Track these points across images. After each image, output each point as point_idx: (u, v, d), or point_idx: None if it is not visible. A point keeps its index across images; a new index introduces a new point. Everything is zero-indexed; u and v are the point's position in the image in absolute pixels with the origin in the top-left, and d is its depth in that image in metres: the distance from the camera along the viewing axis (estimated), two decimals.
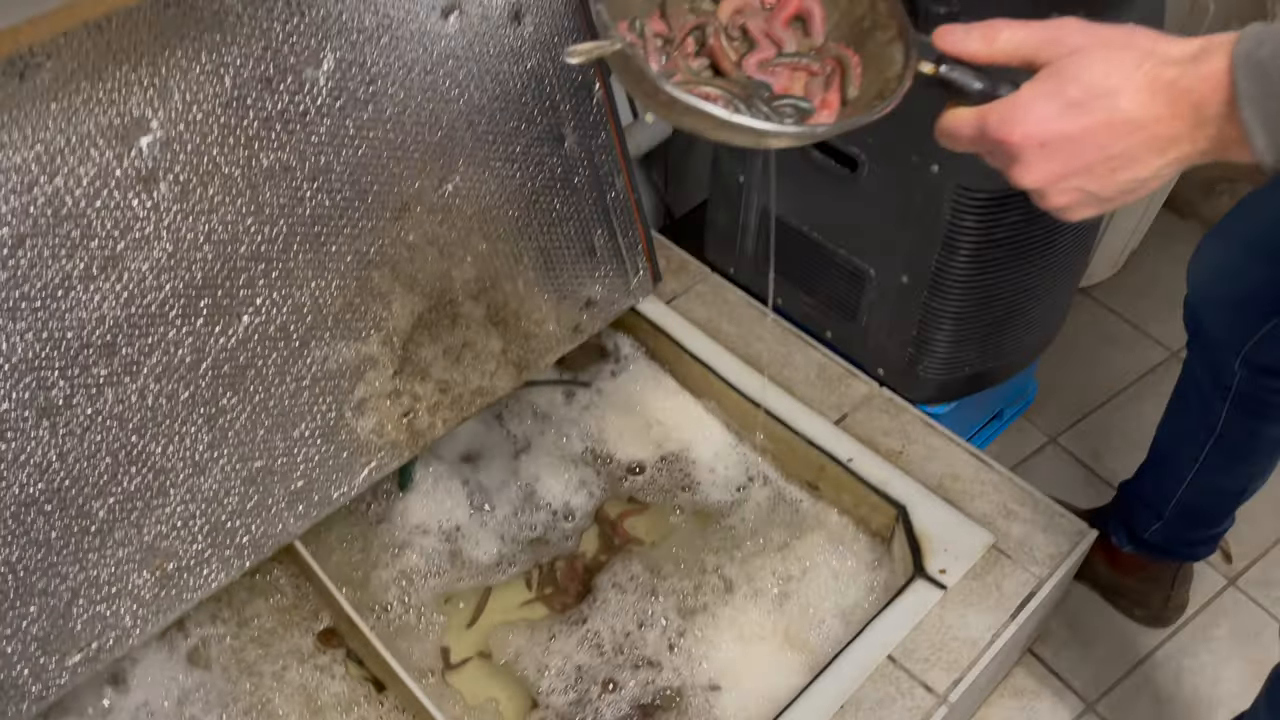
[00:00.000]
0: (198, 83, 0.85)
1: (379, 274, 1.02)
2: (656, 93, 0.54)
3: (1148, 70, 0.51)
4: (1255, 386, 1.02)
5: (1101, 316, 1.63)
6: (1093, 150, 0.53)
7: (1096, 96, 0.52)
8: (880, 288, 1.13)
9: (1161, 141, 0.51)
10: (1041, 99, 0.53)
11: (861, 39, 0.62)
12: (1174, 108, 0.50)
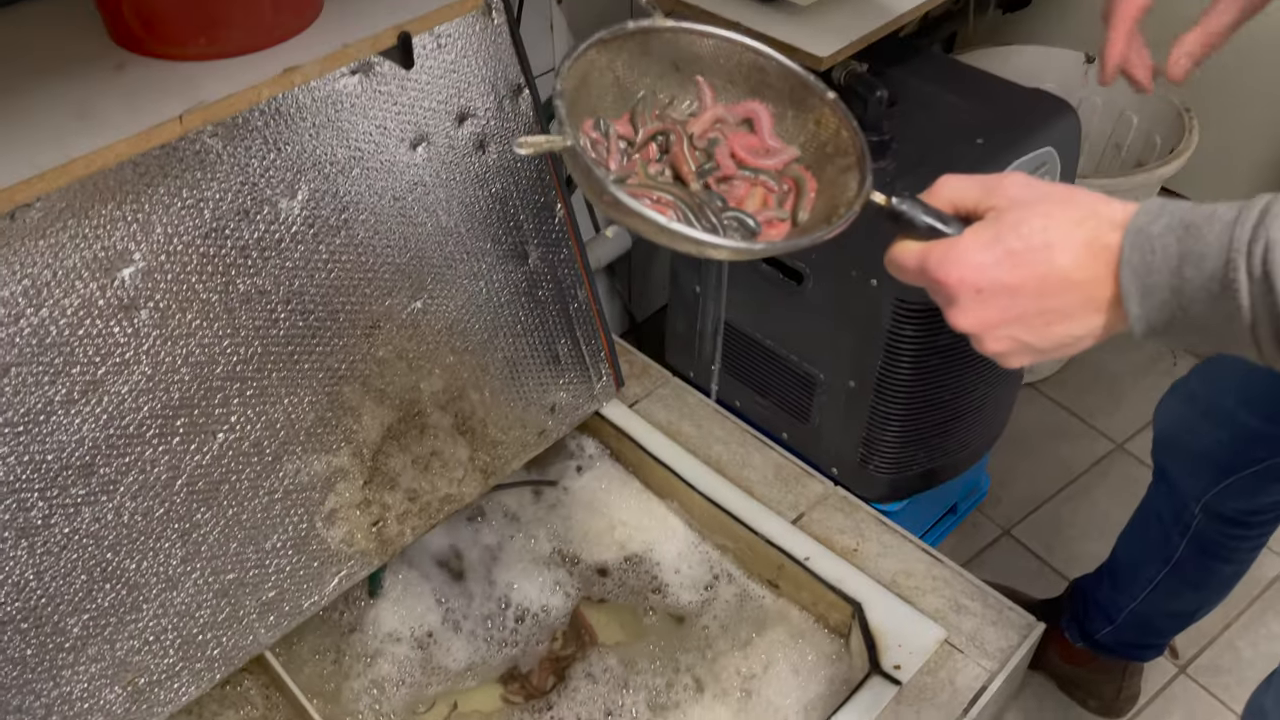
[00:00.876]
0: (179, 216, 0.90)
1: (349, 389, 1.06)
2: (602, 193, 0.57)
3: (1088, 229, 0.52)
4: (1213, 530, 1.06)
5: (1050, 410, 1.69)
6: (1027, 301, 0.53)
7: (1034, 249, 0.52)
8: (830, 391, 1.19)
9: (1097, 302, 0.52)
10: (981, 246, 0.54)
11: (822, 163, 0.64)
12: (1106, 272, 0.51)
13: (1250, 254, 0.46)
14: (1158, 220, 0.50)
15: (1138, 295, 0.50)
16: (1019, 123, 1.10)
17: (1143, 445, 1.64)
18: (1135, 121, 1.67)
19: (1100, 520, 1.51)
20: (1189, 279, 0.49)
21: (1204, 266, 0.48)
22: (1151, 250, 0.50)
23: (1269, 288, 0.46)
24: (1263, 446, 0.94)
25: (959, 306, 0.56)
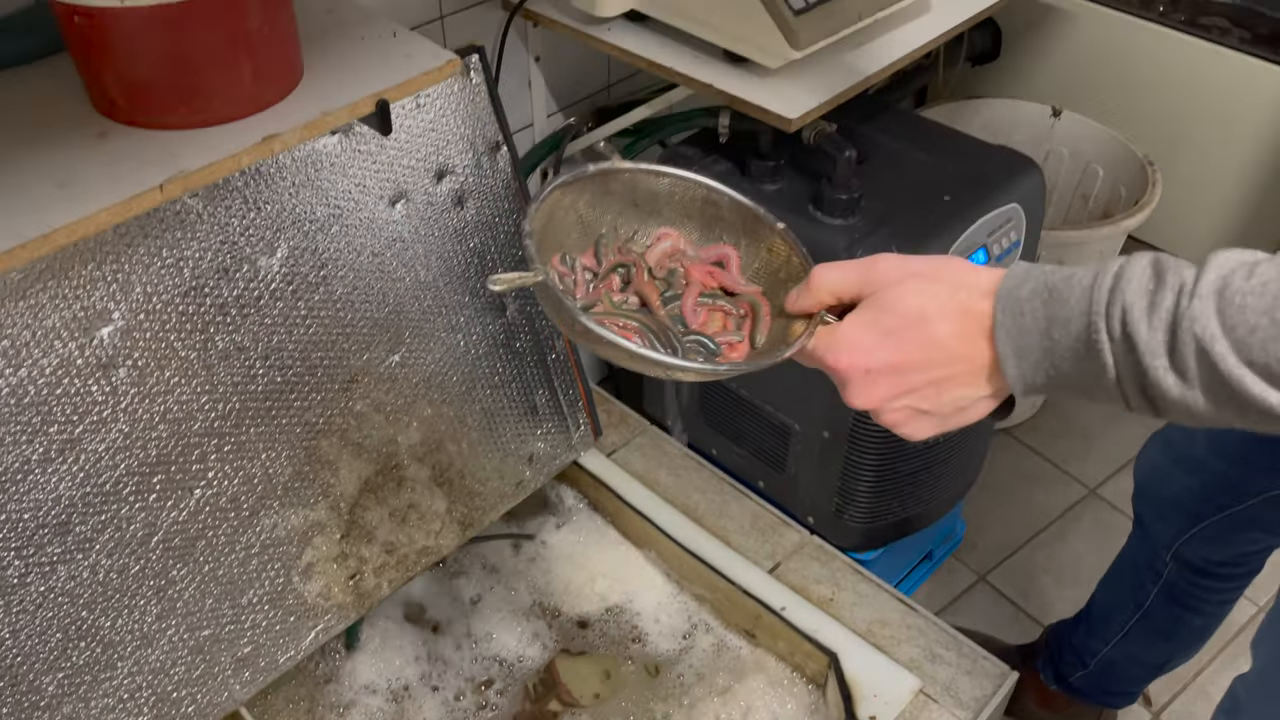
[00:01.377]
0: (158, 275, 0.91)
1: (327, 442, 1.07)
2: (573, 323, 0.59)
3: (960, 299, 0.54)
4: (1182, 580, 1.08)
5: (1024, 456, 1.71)
6: (914, 374, 0.55)
7: (911, 325, 0.55)
8: (805, 441, 1.20)
9: (980, 366, 0.54)
10: (860, 328, 0.56)
11: (776, 288, 0.67)
12: (982, 339, 0.54)
13: (1109, 316, 0.49)
14: (1024, 285, 0.53)
15: (1014, 357, 0.53)
16: (985, 180, 1.12)
17: (1114, 490, 1.66)
18: (1101, 173, 1.71)
19: (1074, 566, 1.52)
20: (1058, 340, 0.51)
21: (1070, 329, 0.51)
22: (1021, 314, 0.53)
23: (1130, 347, 0.49)
24: (1229, 493, 0.96)
25: (852, 388, 0.58)
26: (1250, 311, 0.46)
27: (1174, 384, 0.48)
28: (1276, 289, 0.45)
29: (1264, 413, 0.47)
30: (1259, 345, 0.45)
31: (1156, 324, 0.48)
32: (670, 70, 1.08)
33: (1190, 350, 0.47)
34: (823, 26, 1.01)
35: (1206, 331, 0.46)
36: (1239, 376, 0.46)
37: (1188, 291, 0.47)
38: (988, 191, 1.11)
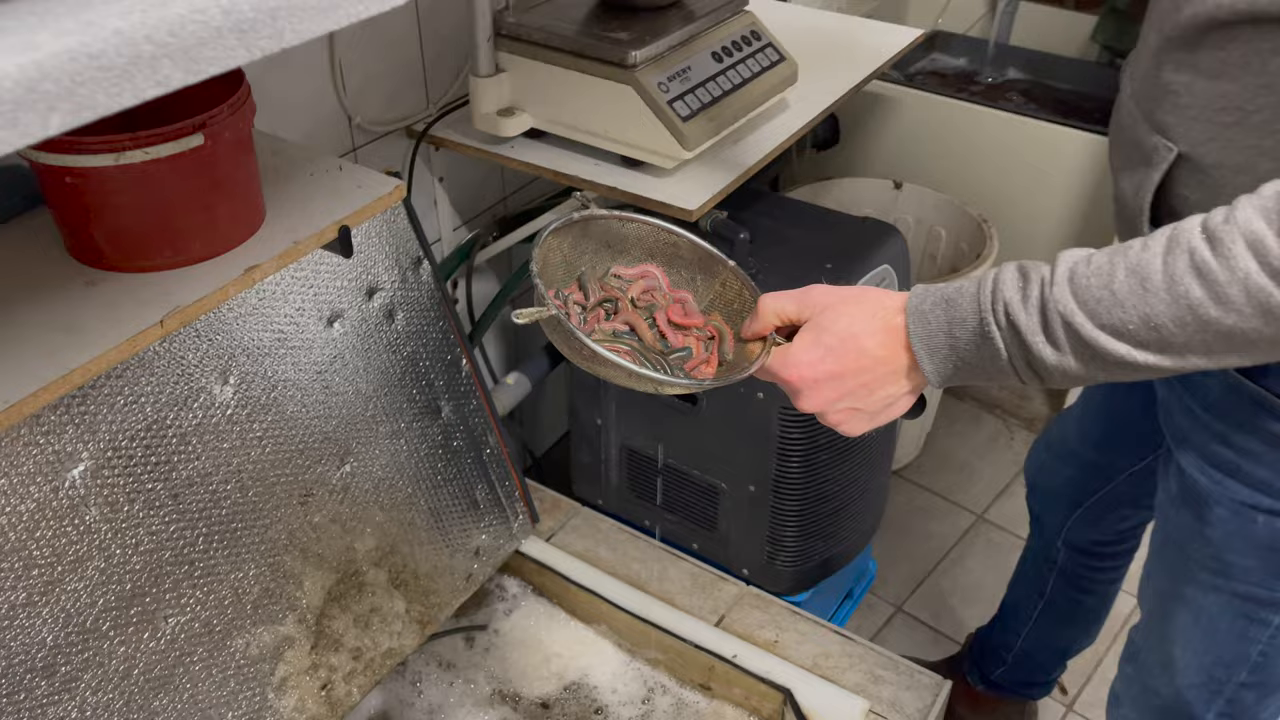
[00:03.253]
0: (122, 413, 0.94)
1: (290, 557, 1.10)
2: (582, 348, 0.69)
3: (881, 317, 0.68)
4: (1074, 564, 1.23)
5: (915, 493, 1.86)
6: (850, 380, 0.68)
7: (845, 341, 0.68)
8: (733, 498, 1.30)
9: (900, 368, 0.68)
10: (805, 347, 0.69)
11: (733, 317, 0.79)
12: (899, 345, 0.68)
13: (995, 311, 0.64)
14: (926, 299, 0.67)
15: (927, 356, 0.67)
16: (857, 247, 1.28)
17: (998, 513, 1.82)
18: (944, 234, 1.92)
19: (976, 585, 1.66)
20: (959, 337, 0.65)
21: (967, 326, 0.65)
22: (927, 321, 0.67)
23: (1014, 330, 0.63)
24: (1098, 477, 1.12)
25: (802, 395, 0.71)
26: (1094, 288, 0.60)
27: (1051, 353, 0.62)
28: (1108, 269, 0.60)
29: (1119, 362, 0.60)
30: (1105, 311, 0.60)
31: (1030, 310, 0.62)
32: (575, 179, 1.20)
33: (1058, 324, 0.61)
34: (706, 129, 1.15)
35: (1067, 308, 0.61)
36: (1095, 337, 0.60)
37: (1048, 282, 0.62)
38: (862, 257, 1.26)
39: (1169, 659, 0.89)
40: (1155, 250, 0.59)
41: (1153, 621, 0.92)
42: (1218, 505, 0.79)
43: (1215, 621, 0.83)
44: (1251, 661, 0.83)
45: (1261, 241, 0.55)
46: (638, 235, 0.80)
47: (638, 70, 1.11)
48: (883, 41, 1.52)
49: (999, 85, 2.22)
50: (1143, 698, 0.94)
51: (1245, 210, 0.56)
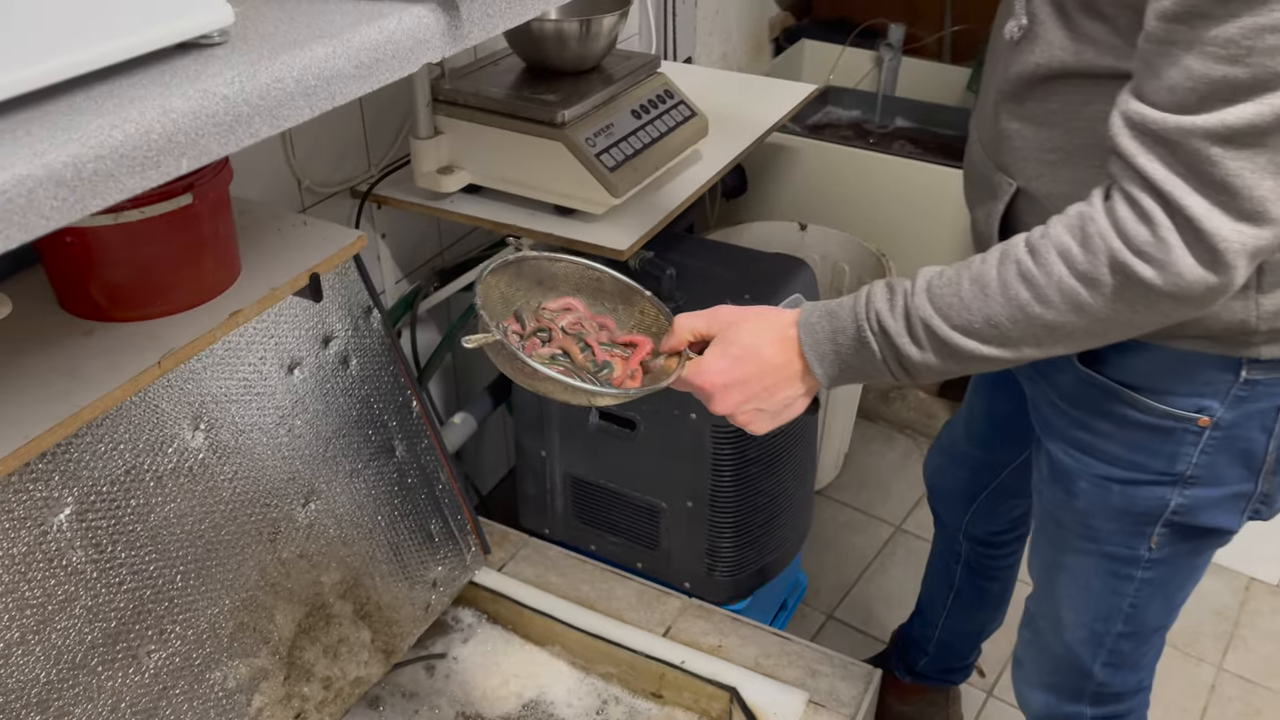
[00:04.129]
0: (103, 460, 1.00)
1: (262, 593, 1.16)
2: (524, 367, 0.79)
3: (776, 330, 0.81)
4: (976, 554, 1.36)
5: (837, 510, 1.99)
6: (754, 384, 0.80)
7: (748, 351, 0.80)
8: (673, 516, 1.41)
9: (795, 372, 0.80)
10: (715, 358, 0.81)
11: (654, 335, 0.90)
12: (793, 353, 0.80)
13: (869, 319, 0.77)
14: (813, 314, 0.81)
15: (816, 361, 0.80)
16: (772, 279, 1.41)
17: (915, 522, 1.96)
18: (847, 270, 2.08)
19: (899, 590, 1.79)
20: (841, 344, 0.78)
21: (847, 334, 0.78)
22: (814, 333, 0.79)
23: (885, 334, 0.76)
24: (987, 472, 1.25)
25: (714, 400, 0.82)
26: (946, 296, 0.73)
27: (915, 351, 0.75)
28: (956, 280, 0.74)
29: (969, 356, 0.73)
30: (955, 314, 0.73)
31: (897, 316, 0.75)
32: (513, 227, 1.31)
33: (920, 327, 0.74)
34: (632, 178, 1.27)
35: (925, 313, 0.74)
36: (949, 336, 0.73)
37: (910, 293, 0.75)
38: (776, 287, 1.39)
39: (1058, 620, 1.01)
40: (991, 263, 0.72)
41: (1042, 589, 1.04)
42: (1081, 480, 0.92)
43: (1090, 581, 0.96)
44: (1124, 613, 0.96)
45: (1069, 251, 0.68)
46: (565, 273, 0.92)
47: (567, 128, 1.23)
48: (782, 97, 1.68)
49: (889, 133, 2.41)
50: (1040, 657, 1.07)
51: (1056, 227, 0.70)
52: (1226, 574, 1.85)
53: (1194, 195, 0.64)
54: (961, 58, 2.58)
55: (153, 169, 0.36)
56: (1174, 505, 0.88)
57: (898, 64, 2.51)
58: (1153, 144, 0.65)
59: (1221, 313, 0.77)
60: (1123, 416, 0.87)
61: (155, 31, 0.41)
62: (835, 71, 2.53)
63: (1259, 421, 0.84)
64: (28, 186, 0.34)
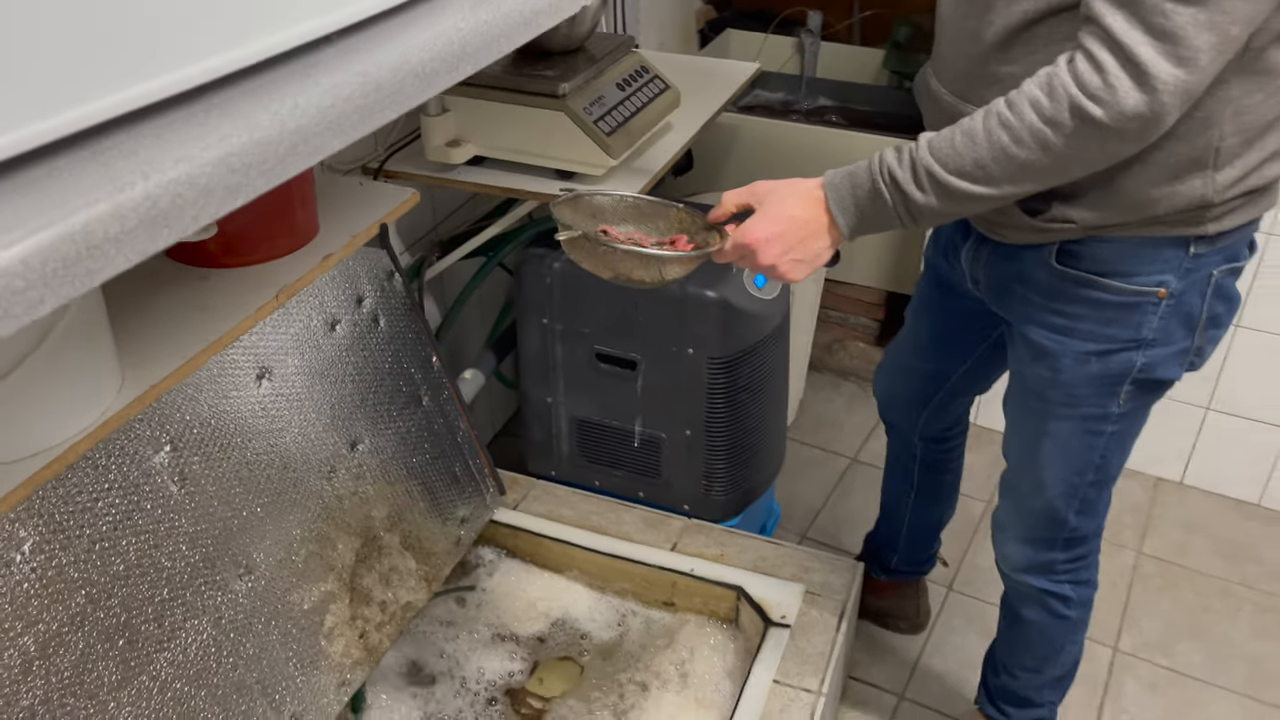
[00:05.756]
0: (190, 403, 1.11)
1: (325, 524, 1.28)
2: (605, 251, 0.97)
3: (804, 191, 0.98)
4: (930, 452, 1.54)
5: (800, 449, 2.18)
6: (790, 237, 0.97)
7: (783, 211, 0.97)
8: (672, 446, 1.56)
9: (823, 225, 0.98)
10: (757, 220, 0.98)
11: (691, 233, 1.08)
12: (820, 209, 0.97)
13: (882, 174, 0.94)
14: (835, 176, 0.98)
15: (840, 213, 0.97)
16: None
17: (867, 453, 2.16)
18: None
19: (862, 510, 1.98)
20: (860, 197, 0.96)
21: (864, 188, 0.95)
22: (838, 190, 0.97)
23: (895, 183, 0.94)
24: (937, 379, 1.43)
25: (758, 253, 0.99)
26: (943, 147, 0.91)
27: (920, 196, 0.92)
28: (949, 134, 0.91)
29: (964, 195, 0.91)
30: (951, 160, 0.91)
31: (904, 167, 0.92)
32: (520, 191, 1.45)
33: (924, 174, 0.92)
34: (625, 141, 1.43)
35: (927, 162, 0.92)
36: (947, 179, 0.91)
37: (914, 148, 0.93)
38: None
39: (1039, 481, 1.19)
40: (977, 118, 0.90)
41: (1023, 460, 1.22)
42: (1064, 358, 1.10)
43: (1069, 441, 1.15)
44: (1095, 464, 1.15)
45: (1038, 100, 0.86)
46: (611, 205, 1.08)
47: (567, 99, 1.38)
48: (727, 75, 1.86)
49: (815, 110, 2.62)
50: (1021, 516, 1.25)
51: (1029, 84, 0.87)
52: (1139, 476, 2.10)
53: (1146, 44, 0.81)
54: (871, 41, 2.80)
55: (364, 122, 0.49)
56: (1139, 365, 1.06)
57: (817, 48, 2.72)
58: (1120, 5, 0.82)
59: (1186, 191, 0.95)
60: (1097, 300, 1.04)
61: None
62: (760, 57, 2.73)
63: (1198, 288, 1.03)
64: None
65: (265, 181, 0.44)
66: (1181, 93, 0.82)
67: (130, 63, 0.41)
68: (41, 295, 0.34)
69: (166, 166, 0.40)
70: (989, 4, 0.95)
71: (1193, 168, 0.93)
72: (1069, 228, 0.99)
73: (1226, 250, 1.01)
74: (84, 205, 0.36)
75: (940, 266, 1.27)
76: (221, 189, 0.41)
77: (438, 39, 0.54)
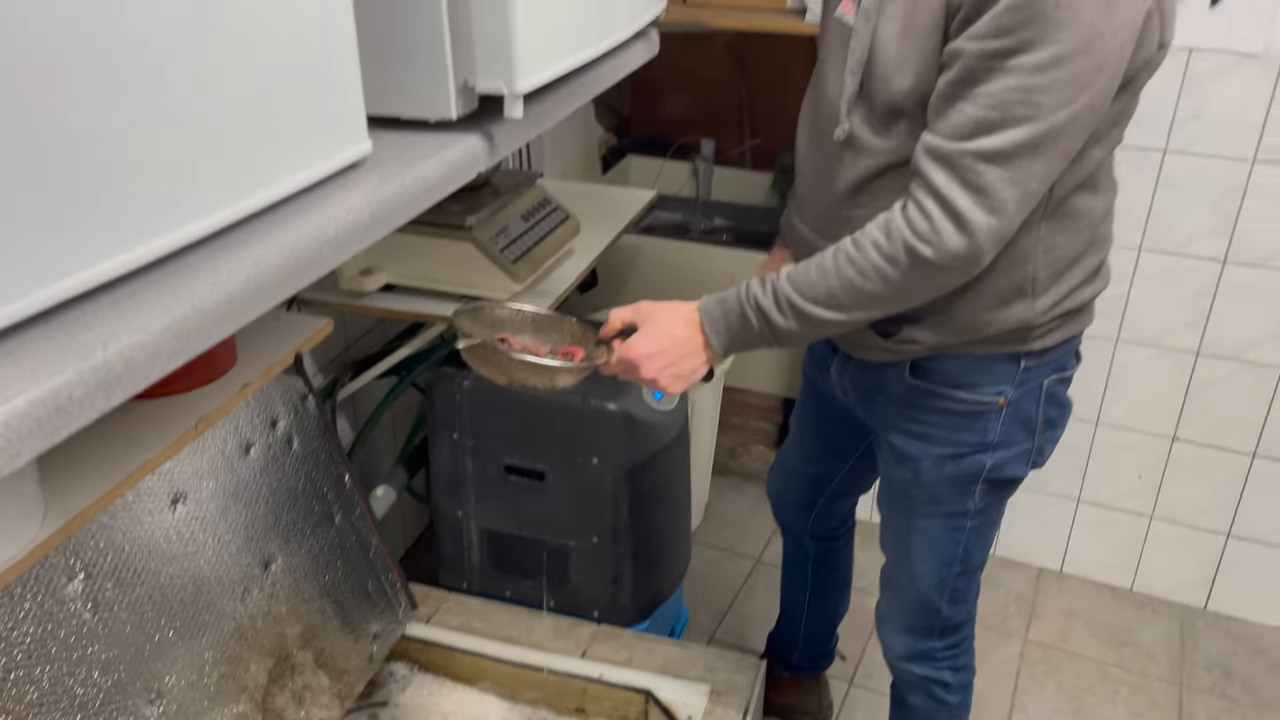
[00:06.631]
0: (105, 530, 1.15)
1: (238, 645, 1.30)
2: (503, 359, 1.07)
3: (685, 315, 1.10)
4: (821, 550, 1.65)
5: (704, 551, 2.26)
6: (670, 354, 1.08)
7: (664, 330, 1.09)
8: (580, 552, 1.63)
9: (699, 345, 1.09)
10: (641, 337, 1.09)
11: (583, 345, 1.18)
12: (697, 330, 1.08)
13: (748, 299, 1.07)
14: (709, 302, 1.10)
15: (714, 334, 1.09)
16: None
17: (771, 555, 2.25)
18: None
19: (765, 609, 2.06)
20: (731, 321, 1.07)
21: (735, 313, 1.07)
22: (711, 315, 1.09)
23: (760, 311, 1.06)
24: (822, 481, 1.55)
25: (641, 368, 1.10)
26: (800, 278, 1.04)
27: (781, 320, 1.04)
28: (805, 267, 1.04)
29: (819, 320, 1.03)
30: (807, 290, 1.03)
31: (768, 296, 1.05)
32: (429, 316, 1.54)
33: (785, 302, 1.04)
34: (528, 268, 1.53)
35: (787, 291, 1.04)
36: (804, 306, 1.03)
37: (777, 279, 1.05)
38: None
39: (913, 574, 1.30)
40: (829, 254, 1.03)
41: (898, 554, 1.33)
42: (922, 461, 1.22)
43: (934, 536, 1.26)
44: (960, 556, 1.26)
45: (878, 241, 1.00)
46: (509, 315, 1.19)
47: (474, 230, 1.49)
48: (627, 202, 2.00)
49: (710, 229, 2.79)
50: (900, 607, 1.35)
51: (870, 227, 1.01)
52: (1022, 567, 2.23)
53: (963, 196, 0.95)
54: (760, 166, 3.01)
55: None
56: (988, 466, 1.19)
57: (711, 173, 2.91)
58: (939, 162, 0.96)
59: (1011, 316, 1.09)
60: (947, 409, 1.17)
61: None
62: (659, 181, 2.90)
63: (1032, 396, 1.17)
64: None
65: (203, 343, 0.52)
66: (994, 236, 0.97)
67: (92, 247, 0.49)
68: (18, 450, 0.41)
69: (122, 336, 0.47)
70: (838, 160, 1.10)
71: (1014, 296, 1.08)
72: (917, 347, 1.13)
73: (1054, 363, 1.15)
74: (52, 374, 0.44)
75: (816, 379, 1.40)
76: (167, 352, 0.49)
77: (349, 212, 0.63)
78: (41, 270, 0.46)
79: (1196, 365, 1.97)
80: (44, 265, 0.47)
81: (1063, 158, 0.96)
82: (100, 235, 0.49)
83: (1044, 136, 0.92)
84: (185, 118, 0.52)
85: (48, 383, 0.43)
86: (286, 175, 0.63)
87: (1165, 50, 1.00)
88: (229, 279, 0.54)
